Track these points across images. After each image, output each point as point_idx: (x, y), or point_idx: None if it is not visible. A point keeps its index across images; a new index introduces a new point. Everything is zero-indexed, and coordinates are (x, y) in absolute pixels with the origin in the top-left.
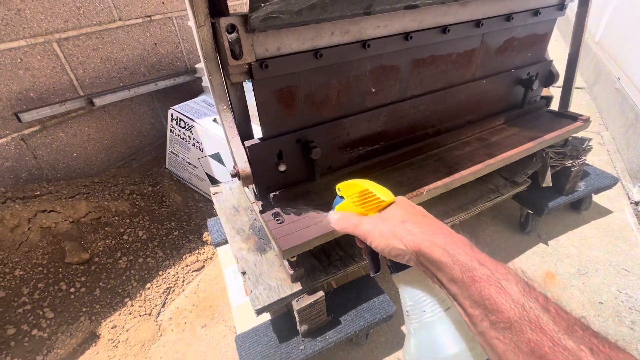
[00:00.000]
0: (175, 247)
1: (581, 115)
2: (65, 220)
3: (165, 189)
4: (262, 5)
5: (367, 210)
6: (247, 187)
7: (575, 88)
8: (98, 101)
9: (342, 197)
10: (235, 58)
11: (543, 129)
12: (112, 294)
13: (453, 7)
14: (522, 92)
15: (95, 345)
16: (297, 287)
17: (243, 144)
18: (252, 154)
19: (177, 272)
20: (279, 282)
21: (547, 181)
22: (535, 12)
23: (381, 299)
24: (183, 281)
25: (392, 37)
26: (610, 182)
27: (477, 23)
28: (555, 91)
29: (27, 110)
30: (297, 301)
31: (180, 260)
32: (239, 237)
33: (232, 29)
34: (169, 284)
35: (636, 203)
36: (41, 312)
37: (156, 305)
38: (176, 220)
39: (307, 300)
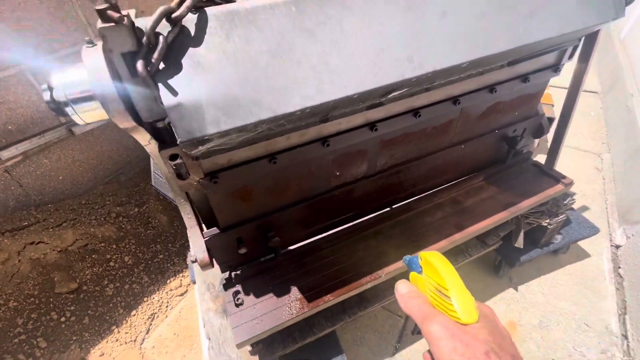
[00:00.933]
0: (160, 271)
1: (564, 178)
2: (53, 250)
3: (151, 210)
4: (198, 148)
5: (440, 308)
6: None
7: (589, 92)
8: (77, 130)
9: (420, 267)
10: (181, 179)
11: (522, 191)
12: (100, 322)
13: (425, 93)
14: (505, 149)
15: None
16: None
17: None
18: (211, 244)
19: (161, 298)
20: (239, 354)
21: (519, 242)
22: (524, 78)
23: None
24: (167, 306)
25: (355, 130)
26: (590, 232)
27: (455, 101)
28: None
29: (6, 147)
30: None
31: (165, 284)
32: (209, 294)
33: (174, 157)
34: (154, 309)
35: (617, 247)
36: (35, 342)
37: (141, 332)
38: (161, 242)
39: None
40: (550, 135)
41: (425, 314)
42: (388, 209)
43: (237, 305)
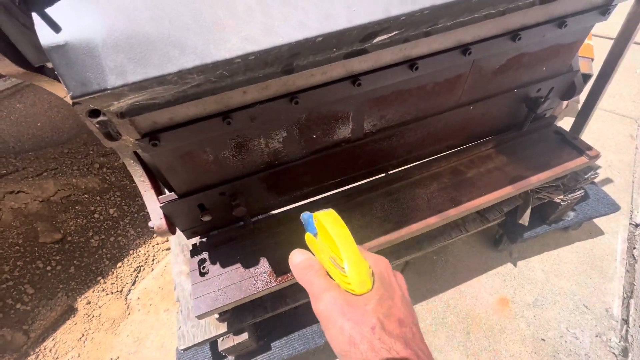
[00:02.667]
0: (147, 225)
1: (590, 149)
2: (34, 200)
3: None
4: (113, 104)
5: (334, 277)
6: None
7: (638, 43)
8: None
9: (315, 228)
10: (112, 139)
11: (536, 163)
12: (86, 272)
13: (424, 39)
14: (524, 112)
15: (73, 317)
16: (224, 328)
17: (158, 199)
18: (169, 210)
19: (147, 251)
20: (208, 320)
21: (525, 220)
22: (561, 22)
23: (314, 329)
24: (153, 260)
25: (333, 84)
26: (609, 210)
27: (465, 50)
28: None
29: None
30: (222, 341)
31: (151, 238)
32: (182, 256)
33: (95, 113)
34: (140, 262)
35: (636, 225)
36: (22, 288)
37: (126, 284)
38: None
39: (231, 341)
40: (583, 96)
41: (318, 288)
42: (375, 177)
43: (201, 274)
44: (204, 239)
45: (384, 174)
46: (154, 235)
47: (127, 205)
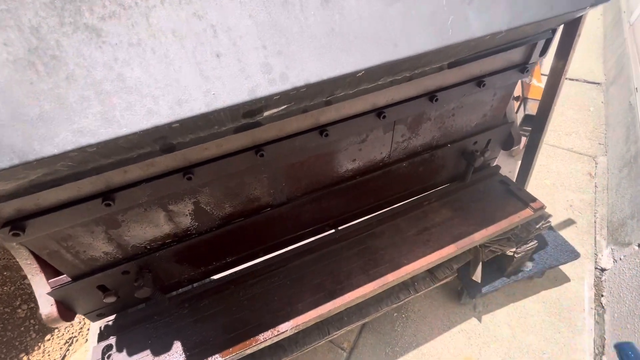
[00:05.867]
0: None
1: (534, 201)
2: None
3: None
4: None
5: None
6: None
7: (591, 83)
8: None
9: None
10: None
11: (481, 217)
12: (7, 348)
13: (329, 107)
14: (464, 164)
15: None
16: None
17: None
18: (62, 295)
19: (82, 320)
20: None
21: (477, 276)
22: (478, 82)
23: None
24: (88, 329)
25: (233, 155)
26: (568, 257)
27: (379, 114)
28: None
29: None
30: None
31: None
32: None
33: None
34: (73, 332)
35: (601, 270)
36: None
37: (54, 359)
38: None
39: None
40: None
41: None
42: (305, 241)
43: None
44: (111, 322)
45: (315, 237)
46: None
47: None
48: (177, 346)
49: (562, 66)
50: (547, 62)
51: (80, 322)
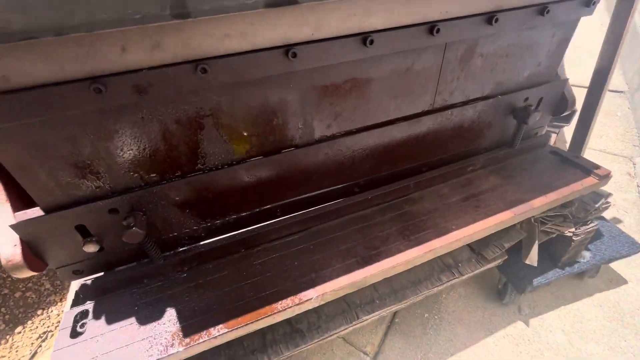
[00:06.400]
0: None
1: (598, 168)
2: None
3: None
4: None
5: None
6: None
7: (614, 91)
8: None
9: None
10: None
11: (536, 184)
12: None
13: (382, 1)
14: (513, 125)
15: None
16: None
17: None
18: (29, 233)
19: (62, 311)
20: None
21: (532, 259)
22: (542, 9)
23: None
24: None
25: (258, 52)
26: (630, 250)
27: (431, 28)
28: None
29: None
30: None
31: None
32: None
33: None
34: (49, 326)
35: None
36: None
37: (22, 357)
38: None
39: None
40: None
41: None
42: (335, 200)
43: (73, 336)
44: (89, 282)
45: (346, 197)
46: (4, 274)
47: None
48: (171, 314)
49: (629, 7)
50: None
51: (59, 315)
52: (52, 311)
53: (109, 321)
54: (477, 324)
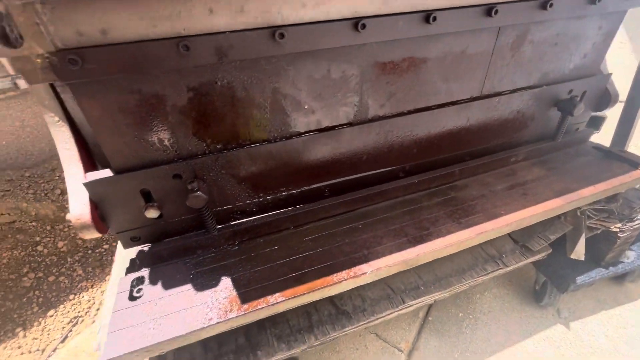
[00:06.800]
0: (101, 264)
1: None
2: None
3: None
4: None
5: None
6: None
7: None
8: (24, 82)
9: None
10: (9, 44)
11: (582, 175)
12: (3, 320)
13: None
14: (556, 117)
15: None
16: None
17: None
18: (99, 193)
19: (92, 297)
20: None
21: (578, 252)
22: None
23: None
24: (98, 309)
25: (329, 23)
26: None
27: (489, 9)
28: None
29: None
30: None
31: (102, 281)
32: None
33: None
34: (79, 311)
35: None
36: None
37: (53, 340)
38: None
39: None
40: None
41: None
42: (384, 183)
43: (132, 299)
44: (147, 249)
45: (394, 180)
46: (73, 233)
47: (82, 239)
48: (226, 283)
49: None
50: None
51: (90, 300)
52: (83, 297)
53: (166, 287)
54: (514, 325)
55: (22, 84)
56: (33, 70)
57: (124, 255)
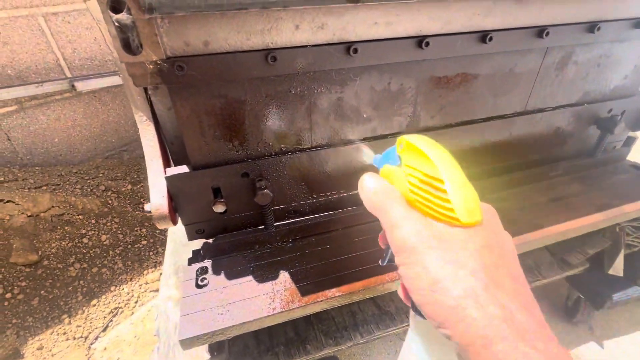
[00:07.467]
0: (139, 259)
1: None
2: (22, 213)
3: (147, 190)
4: None
5: (423, 208)
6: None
7: None
8: (81, 85)
9: (399, 157)
10: (130, 52)
11: (621, 192)
12: (51, 307)
13: (502, 4)
14: (595, 135)
15: None
16: None
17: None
18: (176, 187)
19: (132, 290)
20: (196, 353)
21: (617, 268)
22: (638, 22)
23: None
24: (136, 302)
25: (396, 40)
26: None
27: (540, 31)
28: None
29: None
30: None
31: (140, 275)
32: (175, 278)
33: (119, 5)
34: (120, 303)
35: None
36: None
37: (96, 328)
38: (149, 226)
39: None
40: None
41: (396, 216)
42: None
43: (198, 287)
44: (209, 241)
45: None
46: (151, 222)
47: (123, 234)
48: (285, 276)
49: None
50: None
51: (129, 293)
52: (123, 289)
53: (228, 277)
54: None
55: (79, 86)
56: (144, 74)
57: (171, 249)
